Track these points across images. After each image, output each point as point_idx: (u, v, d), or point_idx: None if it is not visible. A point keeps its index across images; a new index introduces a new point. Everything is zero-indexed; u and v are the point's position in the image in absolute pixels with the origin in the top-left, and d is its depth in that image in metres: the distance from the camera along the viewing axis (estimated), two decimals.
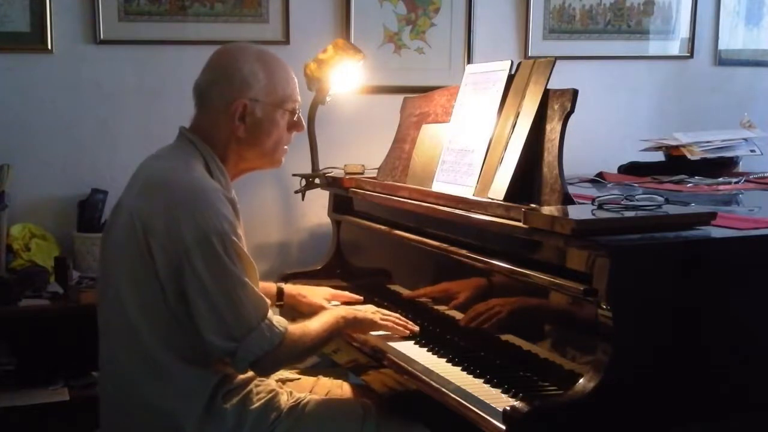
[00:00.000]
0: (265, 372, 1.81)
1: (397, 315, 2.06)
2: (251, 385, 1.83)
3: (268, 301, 1.78)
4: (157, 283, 1.70)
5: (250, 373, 1.83)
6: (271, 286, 2.22)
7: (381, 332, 2.03)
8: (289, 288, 2.27)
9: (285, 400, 1.85)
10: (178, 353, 1.72)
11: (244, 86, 1.82)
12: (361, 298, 2.29)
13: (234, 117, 1.82)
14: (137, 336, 1.72)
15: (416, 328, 2.03)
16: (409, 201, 2.13)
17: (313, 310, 2.13)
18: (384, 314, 2.04)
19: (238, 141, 1.85)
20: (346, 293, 2.31)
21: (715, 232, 1.62)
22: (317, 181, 2.73)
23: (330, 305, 2.18)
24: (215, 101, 1.84)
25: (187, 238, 1.66)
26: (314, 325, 1.85)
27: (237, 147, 1.86)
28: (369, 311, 2.03)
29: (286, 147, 1.94)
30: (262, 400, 1.81)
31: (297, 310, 2.23)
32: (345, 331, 1.97)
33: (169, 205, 1.70)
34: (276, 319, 1.74)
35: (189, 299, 1.68)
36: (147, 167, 1.85)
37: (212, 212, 1.69)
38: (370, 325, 2.01)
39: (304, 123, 1.98)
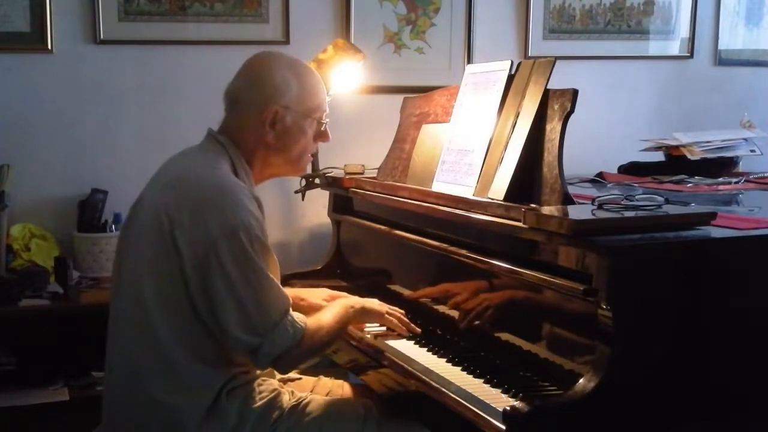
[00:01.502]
0: (286, 369, 1.83)
1: (402, 312, 2.06)
2: (254, 384, 1.83)
3: (290, 298, 1.80)
4: (180, 278, 1.71)
5: (254, 372, 1.84)
6: None
7: (383, 328, 2.04)
8: (288, 291, 2.27)
9: (287, 399, 1.85)
10: (192, 350, 1.73)
11: (277, 93, 1.86)
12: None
13: (265, 123, 1.85)
14: (153, 330, 1.72)
15: (418, 330, 2.03)
16: (409, 201, 2.13)
17: (313, 312, 2.14)
18: (390, 308, 2.05)
19: (266, 146, 1.88)
20: (345, 294, 2.31)
21: (715, 232, 1.62)
22: (317, 181, 2.72)
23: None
24: (247, 106, 1.87)
25: (214, 231, 1.68)
26: (327, 317, 1.87)
27: (265, 152, 1.89)
28: (376, 303, 2.04)
29: (311, 156, 1.98)
30: (265, 399, 1.81)
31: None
32: (353, 321, 1.98)
33: (196, 200, 1.72)
34: (297, 314, 1.77)
35: (213, 293, 1.69)
36: (173, 164, 1.87)
37: (240, 207, 1.71)
38: (377, 316, 2.02)
39: (330, 134, 2.00)
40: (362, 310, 1.99)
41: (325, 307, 1.96)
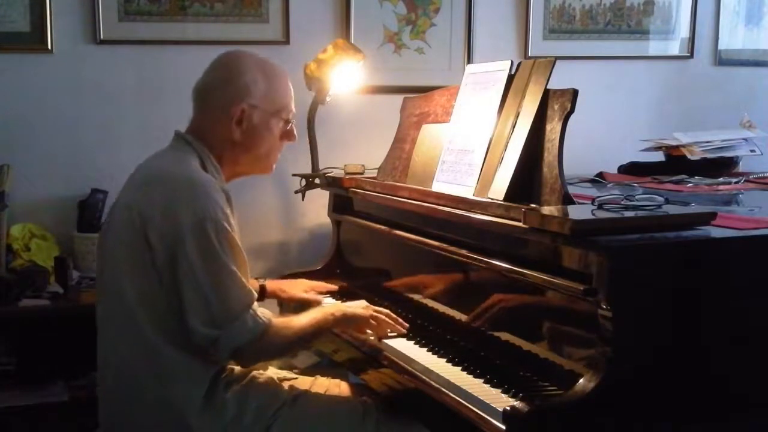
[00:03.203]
0: (246, 362, 1.84)
1: (388, 312, 2.04)
2: (251, 378, 1.85)
3: (255, 293, 1.81)
4: (154, 272, 1.73)
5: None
6: (253, 283, 2.22)
7: (370, 332, 2.01)
8: (270, 284, 2.32)
9: (286, 393, 1.87)
10: (176, 342, 1.75)
11: (245, 91, 1.88)
12: (335, 287, 2.35)
13: (232, 120, 1.88)
14: (136, 326, 1.74)
15: (403, 330, 2.01)
16: (409, 201, 2.13)
17: (294, 303, 2.23)
18: (375, 310, 2.03)
19: (233, 144, 1.90)
20: (322, 284, 2.37)
21: (715, 232, 1.62)
22: (317, 181, 2.72)
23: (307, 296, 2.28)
24: (215, 103, 1.89)
25: (183, 224, 1.70)
26: (300, 319, 1.88)
27: (232, 150, 1.91)
28: (360, 306, 2.03)
29: (278, 155, 2.00)
30: (263, 392, 1.83)
31: (281, 304, 2.33)
32: (335, 328, 1.97)
33: (167, 195, 1.74)
34: (260, 310, 1.78)
35: (179, 285, 1.71)
36: (144, 166, 1.91)
37: (208, 201, 1.74)
38: (362, 322, 1.99)
39: (296, 133, 2.03)
40: (343, 317, 1.96)
41: (308, 311, 1.94)
